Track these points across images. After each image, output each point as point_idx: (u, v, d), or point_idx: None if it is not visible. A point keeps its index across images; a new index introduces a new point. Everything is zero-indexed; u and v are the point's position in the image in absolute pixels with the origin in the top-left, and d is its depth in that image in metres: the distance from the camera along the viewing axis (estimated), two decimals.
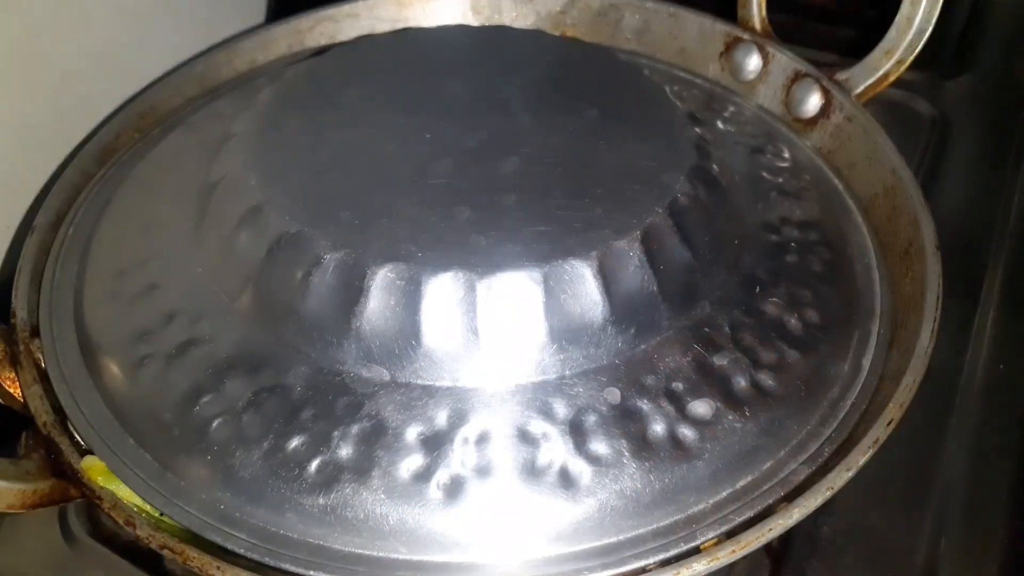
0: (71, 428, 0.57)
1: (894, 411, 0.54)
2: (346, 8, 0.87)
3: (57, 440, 0.55)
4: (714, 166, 0.61)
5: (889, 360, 0.60)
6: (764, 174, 0.70)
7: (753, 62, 0.79)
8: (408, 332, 0.52)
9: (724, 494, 0.52)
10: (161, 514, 0.52)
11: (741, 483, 0.53)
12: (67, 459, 0.54)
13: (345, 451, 0.51)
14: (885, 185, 0.68)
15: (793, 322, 0.58)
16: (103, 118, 0.78)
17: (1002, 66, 0.98)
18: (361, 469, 0.50)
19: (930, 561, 0.64)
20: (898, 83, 1.00)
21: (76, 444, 0.56)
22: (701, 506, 0.52)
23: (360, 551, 0.49)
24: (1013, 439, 0.72)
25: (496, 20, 0.89)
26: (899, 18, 0.71)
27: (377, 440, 0.51)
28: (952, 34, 1.08)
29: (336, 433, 0.51)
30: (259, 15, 1.01)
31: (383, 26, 0.88)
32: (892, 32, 0.71)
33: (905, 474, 0.53)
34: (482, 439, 0.51)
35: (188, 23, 0.92)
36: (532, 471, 0.50)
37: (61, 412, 0.57)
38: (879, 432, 0.53)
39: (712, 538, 0.50)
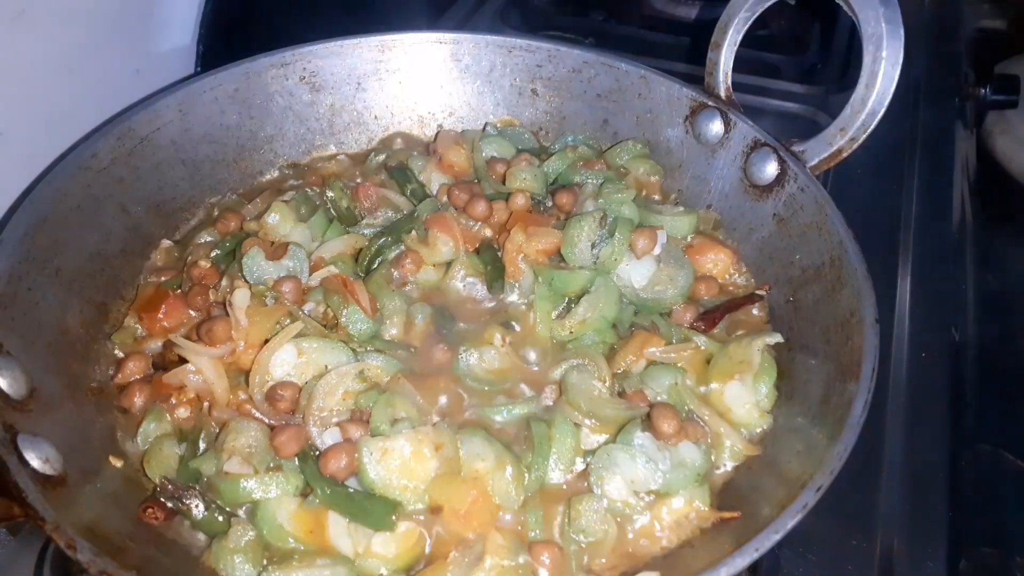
0: (19, 446, 0.57)
1: (824, 479, 0.56)
2: (332, 46, 0.89)
3: (4, 458, 0.55)
4: None
5: (822, 425, 0.63)
6: None
7: (716, 128, 0.83)
8: None
9: None
10: None
11: None
12: (13, 478, 0.55)
13: None
14: (832, 255, 0.72)
15: None
16: (42, 170, 0.78)
17: None
18: None
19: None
20: (796, 97, 1.09)
21: (24, 462, 0.56)
22: None
23: None
24: (941, 419, 0.80)
25: (475, 69, 0.93)
26: (854, 98, 0.74)
27: None
28: (836, 56, 1.16)
29: None
30: (188, 68, 1.03)
31: (365, 66, 0.92)
32: (847, 111, 0.75)
33: (852, 458, 0.57)
34: None
35: (119, 75, 0.94)
36: None
37: (10, 429, 0.58)
38: (808, 498, 0.55)
39: None
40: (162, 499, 0.63)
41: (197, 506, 0.63)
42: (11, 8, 0.80)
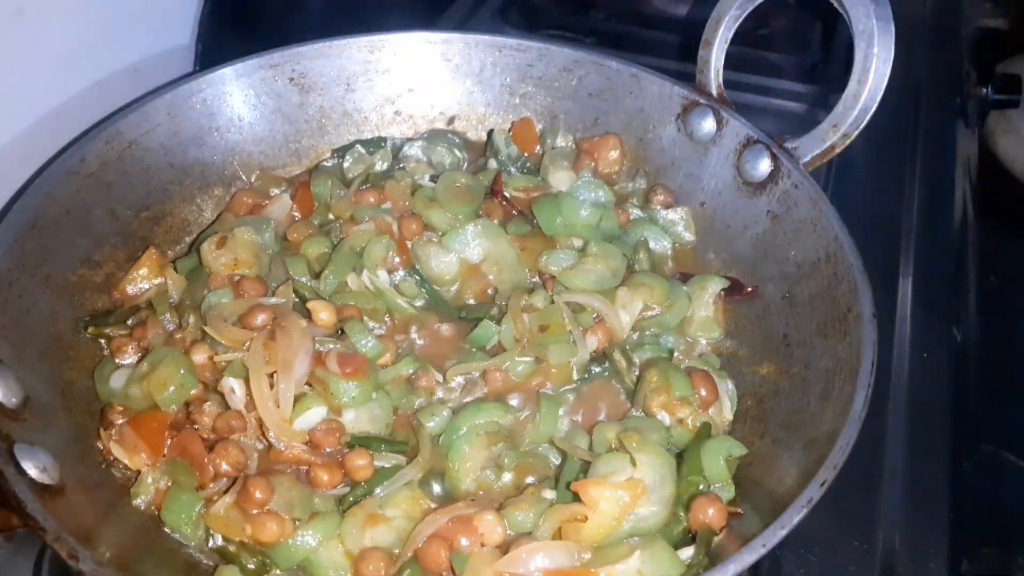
0: (16, 456, 0.56)
1: (828, 473, 0.56)
2: (321, 46, 0.89)
3: (2, 468, 0.55)
4: None
5: (822, 421, 0.63)
6: None
7: (708, 125, 0.83)
8: None
9: None
10: None
11: None
12: (11, 488, 0.54)
13: None
14: (828, 251, 0.72)
15: None
16: (38, 167, 0.78)
17: None
18: None
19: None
20: (797, 96, 1.09)
21: (21, 472, 0.56)
22: None
23: None
24: (942, 420, 0.80)
25: (465, 69, 0.92)
26: (846, 95, 0.74)
27: None
28: (838, 55, 1.16)
29: None
30: (187, 67, 1.03)
31: (354, 67, 0.91)
32: (839, 108, 0.75)
33: (853, 459, 0.57)
34: None
35: (118, 74, 0.93)
36: None
37: (7, 438, 0.57)
38: (813, 492, 0.55)
39: None
40: None
41: None
42: (10, 6, 0.79)
